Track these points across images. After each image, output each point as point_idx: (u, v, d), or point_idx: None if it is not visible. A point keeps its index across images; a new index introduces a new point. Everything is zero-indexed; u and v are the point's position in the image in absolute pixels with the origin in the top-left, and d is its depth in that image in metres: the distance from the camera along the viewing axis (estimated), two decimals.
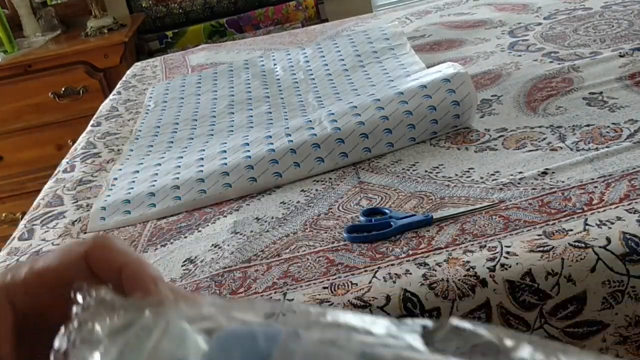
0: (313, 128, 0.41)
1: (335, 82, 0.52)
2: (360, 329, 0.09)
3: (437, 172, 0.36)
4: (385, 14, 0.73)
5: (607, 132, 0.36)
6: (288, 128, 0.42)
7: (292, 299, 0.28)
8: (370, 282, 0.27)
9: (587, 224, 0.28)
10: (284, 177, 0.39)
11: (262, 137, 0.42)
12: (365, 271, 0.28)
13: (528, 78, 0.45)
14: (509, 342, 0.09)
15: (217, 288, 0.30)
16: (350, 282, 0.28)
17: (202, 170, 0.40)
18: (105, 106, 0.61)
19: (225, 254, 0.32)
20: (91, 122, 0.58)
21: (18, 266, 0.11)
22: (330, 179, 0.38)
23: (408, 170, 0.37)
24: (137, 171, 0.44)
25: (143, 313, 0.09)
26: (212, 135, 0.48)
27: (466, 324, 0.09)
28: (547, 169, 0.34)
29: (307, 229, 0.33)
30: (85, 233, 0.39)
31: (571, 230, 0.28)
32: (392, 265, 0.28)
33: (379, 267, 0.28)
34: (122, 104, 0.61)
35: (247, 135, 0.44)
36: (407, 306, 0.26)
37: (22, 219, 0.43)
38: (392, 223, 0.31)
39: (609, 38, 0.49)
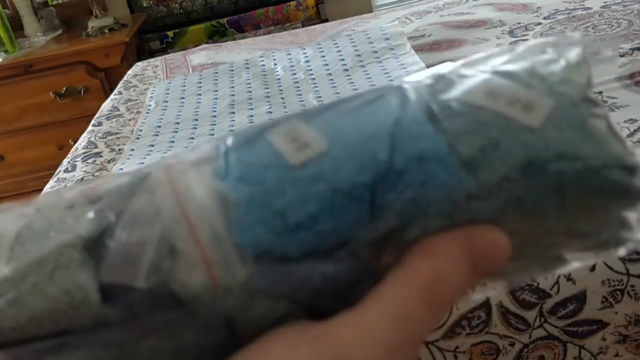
0: None
1: (336, 82, 0.52)
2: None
3: None
4: (385, 13, 0.73)
5: None
6: None
7: None
8: None
9: None
10: None
11: None
12: None
13: None
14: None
15: None
16: None
17: None
18: (106, 106, 0.61)
19: None
20: (92, 122, 0.58)
21: None
22: None
23: None
24: None
25: None
26: (213, 135, 0.48)
27: None
28: None
29: None
30: None
31: None
32: None
33: None
34: (123, 103, 0.61)
35: None
36: None
37: None
38: None
39: (608, 38, 0.49)
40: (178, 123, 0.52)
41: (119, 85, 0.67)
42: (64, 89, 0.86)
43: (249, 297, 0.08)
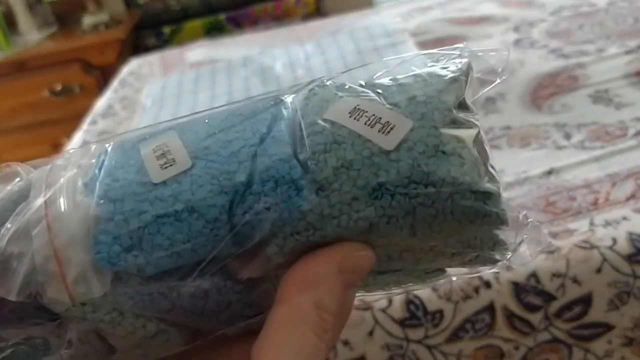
0: None
1: None
2: None
3: None
4: (387, 9, 0.72)
5: (613, 130, 0.36)
6: None
7: None
8: None
9: (592, 224, 0.28)
10: None
11: None
12: None
13: (533, 75, 0.45)
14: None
15: None
16: None
17: None
18: (101, 104, 0.60)
19: None
20: (87, 121, 0.57)
21: None
22: None
23: None
24: None
25: None
26: None
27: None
28: (552, 167, 0.33)
29: None
30: None
31: (577, 230, 0.28)
32: None
33: None
34: (118, 101, 0.60)
35: None
36: (410, 308, 0.26)
37: None
38: None
39: (614, 35, 0.48)
40: None
41: (114, 83, 0.65)
42: (59, 87, 0.85)
43: (118, 315, 0.08)
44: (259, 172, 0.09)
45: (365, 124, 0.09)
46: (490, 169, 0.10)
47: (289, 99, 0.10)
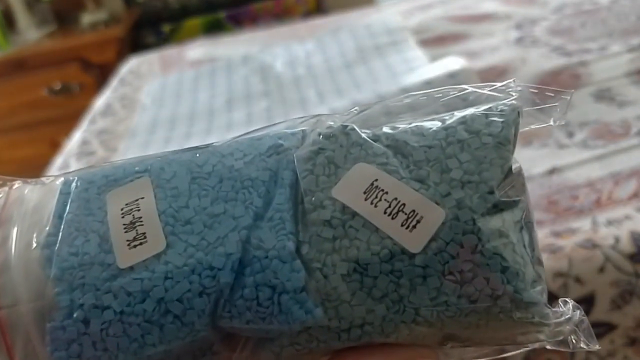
0: None
1: (337, 78, 0.51)
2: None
3: None
4: (388, 7, 0.72)
5: (616, 128, 0.36)
6: None
7: None
8: None
9: (595, 223, 0.28)
10: None
11: None
12: None
13: (535, 73, 0.45)
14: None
15: None
16: None
17: None
18: (100, 103, 0.60)
19: None
20: (86, 119, 0.57)
21: None
22: None
23: None
24: None
25: None
26: (210, 132, 0.47)
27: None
28: (554, 166, 0.33)
29: None
30: None
31: (579, 229, 0.27)
32: None
33: None
34: (117, 100, 0.60)
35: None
36: None
37: None
38: None
39: (617, 32, 0.48)
40: (174, 120, 0.51)
41: (113, 82, 0.65)
42: (58, 85, 0.85)
43: None
44: (253, 272, 0.07)
45: (385, 212, 0.07)
46: (537, 263, 0.08)
47: (292, 146, 0.08)
